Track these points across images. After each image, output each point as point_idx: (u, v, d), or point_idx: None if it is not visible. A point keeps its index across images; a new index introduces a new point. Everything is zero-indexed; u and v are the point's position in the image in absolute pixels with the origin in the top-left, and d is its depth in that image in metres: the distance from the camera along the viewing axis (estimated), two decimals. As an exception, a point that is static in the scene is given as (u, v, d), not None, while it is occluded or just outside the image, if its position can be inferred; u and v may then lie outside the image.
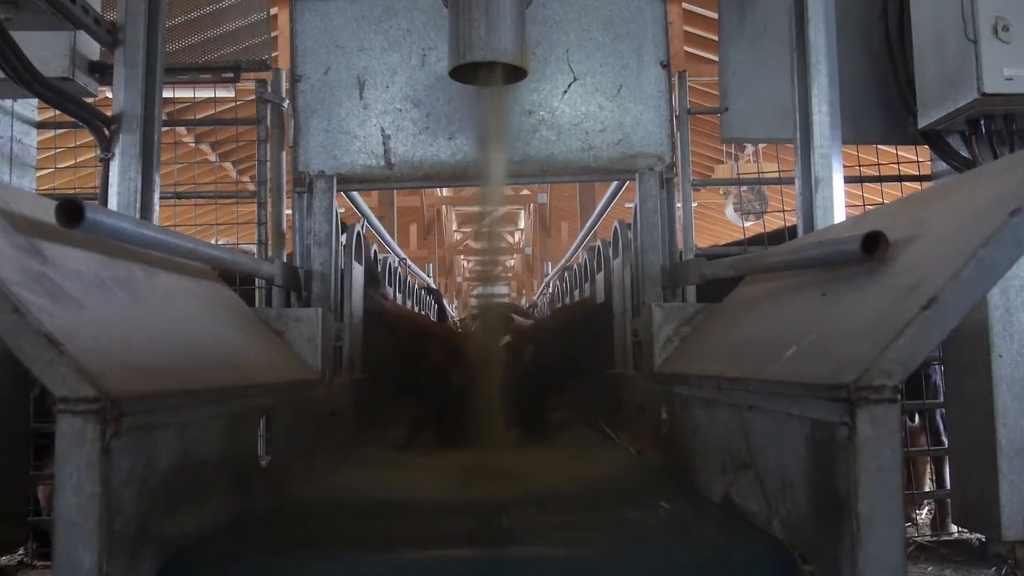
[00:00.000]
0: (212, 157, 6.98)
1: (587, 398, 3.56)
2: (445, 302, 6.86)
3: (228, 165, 8.22)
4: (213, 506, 1.41)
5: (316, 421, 2.16)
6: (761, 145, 10.98)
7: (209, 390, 1.36)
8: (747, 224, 8.84)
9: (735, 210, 9.79)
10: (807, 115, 2.42)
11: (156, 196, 2.39)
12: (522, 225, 21.81)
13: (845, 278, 1.41)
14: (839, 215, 2.34)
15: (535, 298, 9.91)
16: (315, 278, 2.49)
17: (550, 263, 9.22)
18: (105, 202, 2.32)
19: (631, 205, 3.09)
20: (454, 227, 20.63)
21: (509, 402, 3.06)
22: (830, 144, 2.36)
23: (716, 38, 3.01)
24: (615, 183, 3.39)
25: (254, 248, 2.93)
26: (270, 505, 1.68)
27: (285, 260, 2.79)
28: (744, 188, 10.20)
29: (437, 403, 3.61)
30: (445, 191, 18.78)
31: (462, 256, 20.97)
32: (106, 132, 2.38)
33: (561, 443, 2.83)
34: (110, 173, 2.33)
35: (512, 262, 22.19)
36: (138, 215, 2.30)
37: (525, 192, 17.03)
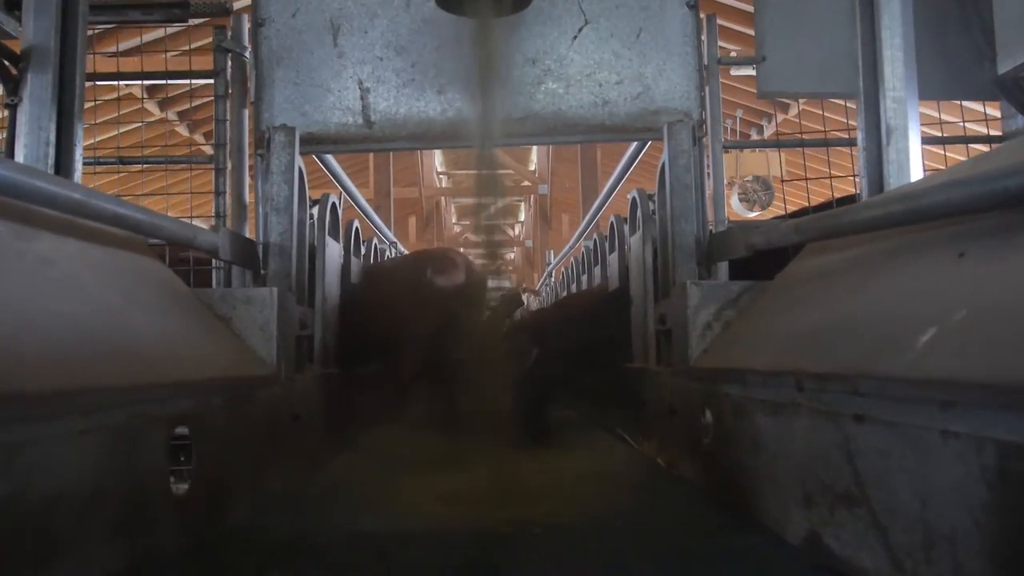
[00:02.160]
0: (162, 116, 6.49)
1: (601, 396, 3.14)
2: None
3: (176, 120, 7.59)
4: (84, 558, 0.97)
5: (269, 428, 1.73)
6: (767, 135, 10.52)
7: (68, 393, 0.92)
8: (752, 215, 8.44)
9: (740, 200, 9.37)
10: (873, 52, 1.98)
11: (77, 152, 1.94)
12: (522, 218, 21.40)
13: (994, 231, 0.98)
14: (916, 172, 1.90)
15: (536, 288, 9.47)
16: (272, 252, 2.05)
17: (552, 251, 8.79)
18: (12, 157, 1.88)
19: (634, 196, 2.66)
20: (453, 220, 20.21)
21: (512, 402, 2.64)
22: (904, 86, 1.92)
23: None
24: (634, 146, 2.95)
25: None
26: (189, 546, 1.25)
27: (248, 234, 2.36)
28: (749, 178, 9.81)
29: (431, 399, 3.19)
30: (444, 182, 18.38)
31: (461, 248, 20.54)
32: (15, 72, 1.93)
33: (574, 451, 2.40)
34: (17, 122, 1.88)
35: (512, 255, 21.78)
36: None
37: (526, 184, 16.62)
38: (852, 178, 2.54)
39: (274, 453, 1.75)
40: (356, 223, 2.99)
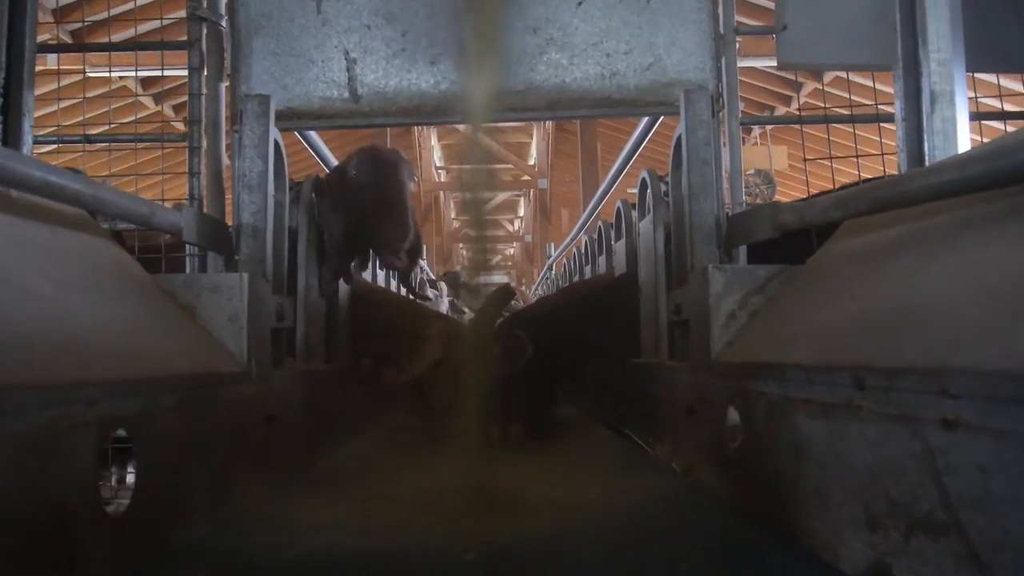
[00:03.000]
0: (134, 91, 6.24)
1: (604, 393, 2.94)
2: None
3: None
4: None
5: (236, 431, 1.53)
6: (769, 128, 10.29)
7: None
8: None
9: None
10: (912, 9, 1.78)
11: (26, 124, 1.75)
12: (521, 213, 21.25)
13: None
14: (964, 143, 1.70)
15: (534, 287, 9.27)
16: (244, 234, 1.84)
17: (552, 244, 8.58)
18: (-49, 128, 1.69)
19: (644, 176, 2.46)
20: (452, 215, 20.04)
21: (506, 400, 2.45)
22: (951, 46, 1.72)
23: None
24: (643, 124, 2.74)
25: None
26: (127, 570, 1.05)
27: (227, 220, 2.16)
28: (751, 171, 9.60)
29: (422, 401, 3.01)
30: (443, 176, 18.18)
31: (461, 244, 20.44)
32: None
33: (577, 453, 2.20)
34: (-44, 88, 1.69)
35: (512, 250, 21.61)
36: (-3, 147, 1.66)
37: (525, 178, 16.44)
38: (881, 156, 2.34)
39: (243, 459, 1.55)
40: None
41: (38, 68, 1.87)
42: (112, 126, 2.32)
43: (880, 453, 0.92)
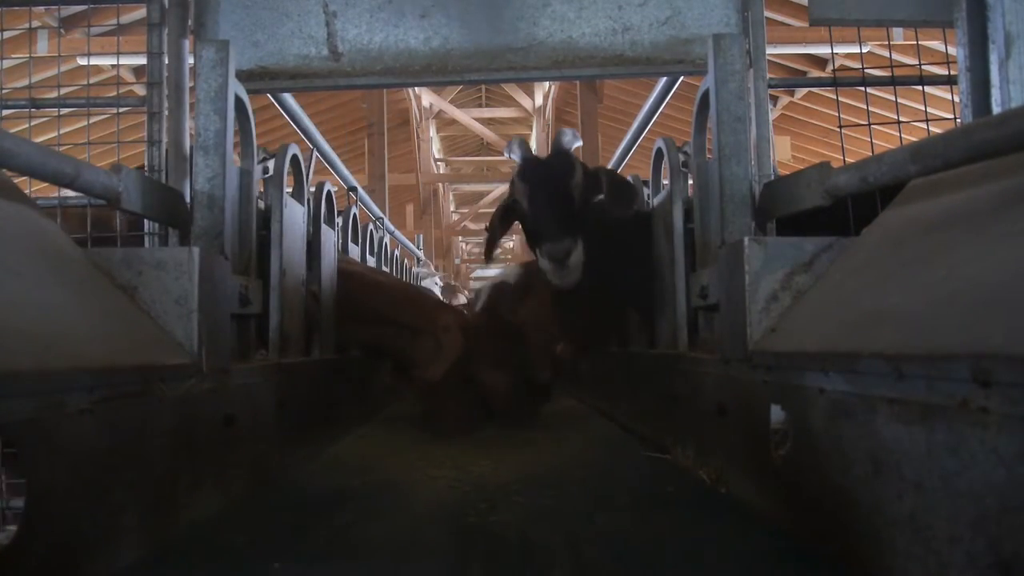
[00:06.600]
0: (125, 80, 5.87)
1: (612, 386, 2.69)
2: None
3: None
4: None
5: (182, 436, 1.28)
6: (773, 118, 9.99)
7: None
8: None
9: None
10: (981, -58, 1.53)
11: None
12: (522, 204, 20.91)
13: None
14: (1046, 94, 1.45)
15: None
16: (198, 203, 1.59)
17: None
18: None
19: (659, 145, 2.20)
20: (451, 207, 19.76)
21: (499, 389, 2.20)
22: (1030, -19, 1.46)
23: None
24: (662, 83, 2.48)
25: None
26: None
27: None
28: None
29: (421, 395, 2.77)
30: (443, 169, 17.89)
31: (460, 237, 20.16)
32: None
33: (586, 454, 1.94)
34: None
35: (511, 243, 21.33)
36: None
37: (525, 168, 16.11)
38: (924, 123, 2.09)
39: (191, 470, 1.30)
40: (328, 184, 2.53)
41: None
42: (63, 91, 2.06)
43: (1020, 473, 0.66)
